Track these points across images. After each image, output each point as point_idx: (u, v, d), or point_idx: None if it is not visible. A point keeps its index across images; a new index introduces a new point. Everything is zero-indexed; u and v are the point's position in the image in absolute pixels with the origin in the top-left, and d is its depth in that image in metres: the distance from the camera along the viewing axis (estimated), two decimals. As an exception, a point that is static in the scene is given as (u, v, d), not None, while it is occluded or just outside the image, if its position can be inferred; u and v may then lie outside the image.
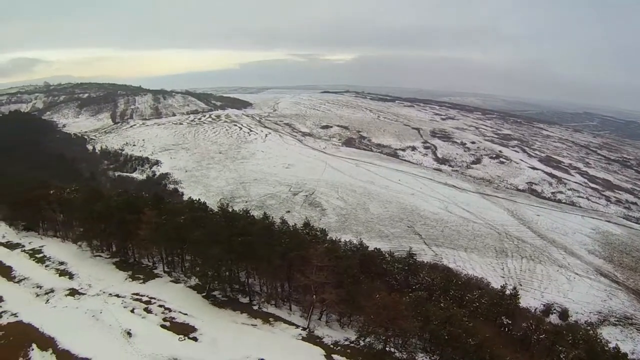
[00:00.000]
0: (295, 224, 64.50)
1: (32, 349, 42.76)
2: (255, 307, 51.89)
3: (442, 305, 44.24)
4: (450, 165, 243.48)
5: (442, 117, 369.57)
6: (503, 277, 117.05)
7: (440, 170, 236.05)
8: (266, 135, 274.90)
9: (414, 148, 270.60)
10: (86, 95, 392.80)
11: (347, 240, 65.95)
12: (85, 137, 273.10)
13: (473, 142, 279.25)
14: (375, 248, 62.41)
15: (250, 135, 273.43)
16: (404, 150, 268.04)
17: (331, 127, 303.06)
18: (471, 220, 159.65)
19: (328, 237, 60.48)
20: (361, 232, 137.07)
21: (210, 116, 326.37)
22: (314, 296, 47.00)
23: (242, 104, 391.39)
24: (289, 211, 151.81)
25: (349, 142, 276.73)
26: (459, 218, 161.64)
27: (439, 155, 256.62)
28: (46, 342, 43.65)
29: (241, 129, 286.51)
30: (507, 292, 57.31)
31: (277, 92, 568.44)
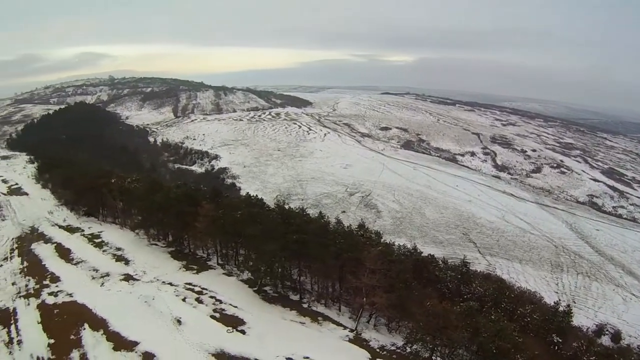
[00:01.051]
0: (350, 225, 65.18)
1: (84, 329, 46.95)
2: (305, 305, 54.23)
3: (492, 317, 43.04)
4: (509, 173, 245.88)
5: (503, 122, 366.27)
6: (557, 293, 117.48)
7: (498, 177, 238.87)
8: (325, 135, 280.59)
9: (473, 153, 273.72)
10: (149, 89, 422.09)
11: (401, 244, 65.18)
12: (147, 129, 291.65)
13: (534, 150, 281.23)
14: (429, 254, 61.56)
15: (309, 134, 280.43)
16: (462, 155, 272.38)
17: (390, 128, 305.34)
18: (528, 231, 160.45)
19: (382, 240, 60.16)
20: (415, 237, 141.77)
21: (270, 114, 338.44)
22: (364, 299, 48.50)
23: (302, 103, 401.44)
24: (344, 211, 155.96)
25: (407, 145, 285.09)
26: (516, 228, 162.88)
27: (498, 162, 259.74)
28: (98, 323, 47.87)
29: (300, 127, 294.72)
30: (560, 308, 54.64)
31: (337, 92, 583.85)
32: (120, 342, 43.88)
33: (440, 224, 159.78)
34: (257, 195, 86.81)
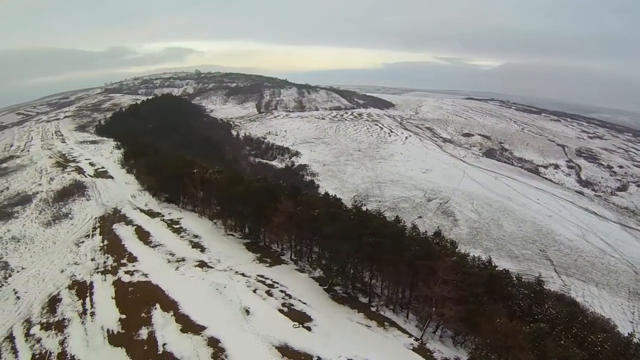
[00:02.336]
0: (426, 232, 64.51)
1: (155, 308, 50.93)
2: (373, 309, 54.61)
3: (562, 342, 40.60)
4: (593, 189, 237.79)
5: (590, 135, 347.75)
6: (632, 323, 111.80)
7: (582, 193, 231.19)
8: (406, 138, 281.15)
9: (556, 166, 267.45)
10: (234, 84, 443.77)
11: (476, 255, 62.83)
12: (231, 123, 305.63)
13: (620, 167, 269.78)
14: (504, 269, 58.53)
15: (390, 136, 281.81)
16: (546, 167, 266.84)
17: (472, 135, 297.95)
18: (608, 253, 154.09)
19: (457, 250, 58.44)
20: (491, 249, 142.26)
21: (352, 114, 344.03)
22: (434, 308, 48.67)
23: (384, 104, 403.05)
24: (420, 217, 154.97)
25: (489, 153, 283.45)
26: (596, 249, 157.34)
27: (583, 177, 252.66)
28: (169, 305, 51.56)
29: (382, 129, 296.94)
30: (635, 340, 49.71)
31: (420, 95, 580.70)
32: (188, 325, 46.73)
33: (517, 238, 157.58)
34: (335, 195, 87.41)
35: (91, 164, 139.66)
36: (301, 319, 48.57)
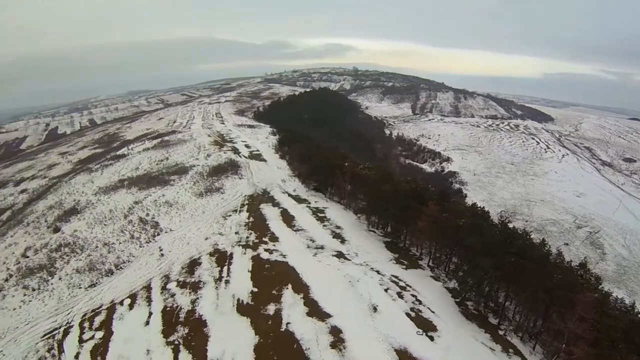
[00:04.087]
0: (571, 261, 57.78)
1: (287, 288, 53.84)
2: (501, 333, 51.25)
3: None
4: None
5: None
6: None
7: None
8: (563, 156, 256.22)
9: None
10: (390, 84, 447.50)
11: (619, 297, 55.06)
12: (385, 121, 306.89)
13: None
14: None
15: (546, 152, 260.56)
16: None
17: (635, 161, 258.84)
18: None
19: (600, 287, 51.38)
20: (637, 292, 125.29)
21: (508, 124, 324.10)
22: (564, 345, 45.25)
23: (542, 117, 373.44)
24: (567, 244, 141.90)
25: None
26: None
27: None
28: (301, 288, 54.06)
29: (538, 143, 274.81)
30: None
31: (581, 110, 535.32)
32: (315, 310, 48.49)
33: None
34: (483, 207, 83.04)
35: (247, 146, 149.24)
36: (426, 326, 47.58)
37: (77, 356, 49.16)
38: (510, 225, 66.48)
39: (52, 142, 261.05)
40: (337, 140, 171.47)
